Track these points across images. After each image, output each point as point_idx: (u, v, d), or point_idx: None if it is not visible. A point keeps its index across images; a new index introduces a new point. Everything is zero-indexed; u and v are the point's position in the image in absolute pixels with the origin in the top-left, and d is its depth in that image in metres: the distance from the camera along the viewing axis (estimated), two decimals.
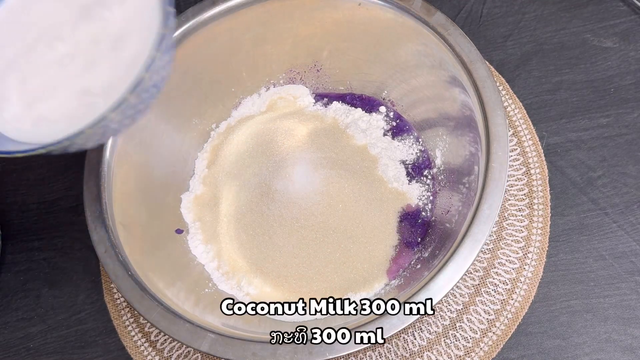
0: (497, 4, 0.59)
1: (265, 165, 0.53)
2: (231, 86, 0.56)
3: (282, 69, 0.57)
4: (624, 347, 0.45)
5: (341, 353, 0.37)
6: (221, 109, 0.57)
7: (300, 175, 0.52)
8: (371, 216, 0.49)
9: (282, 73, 0.57)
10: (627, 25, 0.56)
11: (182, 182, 0.54)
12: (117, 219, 0.44)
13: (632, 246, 0.48)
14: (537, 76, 0.55)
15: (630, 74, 0.54)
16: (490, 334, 0.46)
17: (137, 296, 0.41)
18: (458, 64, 0.45)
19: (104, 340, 0.50)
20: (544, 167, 0.51)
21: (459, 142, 0.49)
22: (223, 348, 0.38)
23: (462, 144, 0.48)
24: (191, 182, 0.54)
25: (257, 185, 0.52)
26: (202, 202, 0.53)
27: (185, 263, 0.50)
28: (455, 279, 0.38)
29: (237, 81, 0.56)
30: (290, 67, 0.56)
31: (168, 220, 0.51)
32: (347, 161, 0.52)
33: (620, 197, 0.49)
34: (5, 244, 0.55)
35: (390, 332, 0.37)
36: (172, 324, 0.39)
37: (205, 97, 0.55)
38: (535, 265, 0.47)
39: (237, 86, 0.56)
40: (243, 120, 0.56)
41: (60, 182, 0.57)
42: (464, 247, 0.39)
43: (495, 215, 0.39)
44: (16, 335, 0.52)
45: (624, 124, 0.52)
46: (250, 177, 0.53)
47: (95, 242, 0.42)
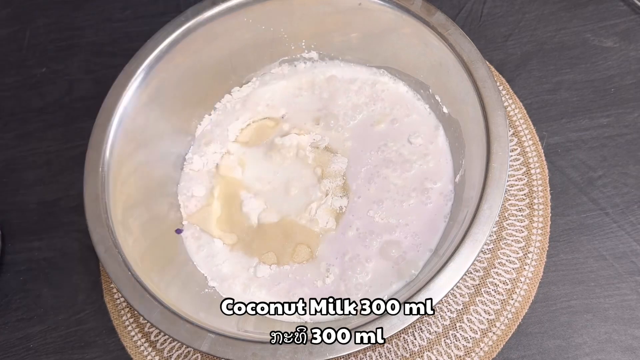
0: (497, 3, 0.59)
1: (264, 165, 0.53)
2: (231, 86, 0.56)
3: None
4: (624, 347, 0.45)
5: (341, 353, 0.37)
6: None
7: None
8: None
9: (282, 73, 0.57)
10: (628, 25, 0.56)
11: (182, 182, 0.54)
12: (117, 219, 0.44)
13: (633, 246, 0.48)
14: (538, 76, 0.55)
15: (631, 74, 0.53)
16: (491, 334, 0.46)
17: (137, 296, 0.40)
18: (458, 63, 0.45)
19: (104, 340, 0.50)
20: (544, 167, 0.51)
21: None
22: (223, 348, 0.38)
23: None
24: (191, 183, 0.53)
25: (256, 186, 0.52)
26: (202, 202, 0.53)
27: (185, 263, 0.50)
28: (455, 279, 0.38)
29: (237, 81, 0.56)
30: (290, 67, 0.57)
31: (168, 220, 0.51)
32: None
33: (621, 197, 0.49)
34: (5, 244, 0.55)
35: (390, 332, 0.37)
36: (172, 324, 0.39)
37: (205, 97, 0.55)
38: (536, 265, 0.47)
39: (237, 86, 0.57)
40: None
41: (60, 182, 0.57)
42: (464, 247, 0.39)
43: (495, 215, 0.39)
44: (16, 335, 0.52)
45: (625, 124, 0.52)
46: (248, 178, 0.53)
47: (95, 242, 0.42)
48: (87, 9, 0.67)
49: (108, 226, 0.43)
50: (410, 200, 0.49)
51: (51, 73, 0.64)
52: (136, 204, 0.48)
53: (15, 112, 0.62)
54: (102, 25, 0.65)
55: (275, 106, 0.56)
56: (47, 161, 0.59)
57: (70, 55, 0.64)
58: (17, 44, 0.66)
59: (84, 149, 0.46)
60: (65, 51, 0.65)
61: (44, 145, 0.60)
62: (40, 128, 0.61)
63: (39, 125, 0.61)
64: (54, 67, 0.64)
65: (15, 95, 0.63)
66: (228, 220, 0.51)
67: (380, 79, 0.54)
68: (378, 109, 0.53)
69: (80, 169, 0.45)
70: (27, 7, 0.68)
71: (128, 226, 0.45)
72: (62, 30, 0.66)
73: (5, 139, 0.61)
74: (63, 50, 0.65)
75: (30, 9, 0.68)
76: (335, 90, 0.55)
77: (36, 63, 0.64)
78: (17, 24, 0.67)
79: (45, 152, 0.59)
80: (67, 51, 0.65)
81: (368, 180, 0.50)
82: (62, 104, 0.62)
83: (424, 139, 0.51)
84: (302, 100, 0.55)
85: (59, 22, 0.66)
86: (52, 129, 0.60)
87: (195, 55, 0.51)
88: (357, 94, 0.54)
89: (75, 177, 0.57)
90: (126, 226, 0.45)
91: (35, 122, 0.61)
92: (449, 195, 0.48)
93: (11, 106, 0.62)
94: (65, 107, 0.61)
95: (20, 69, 0.64)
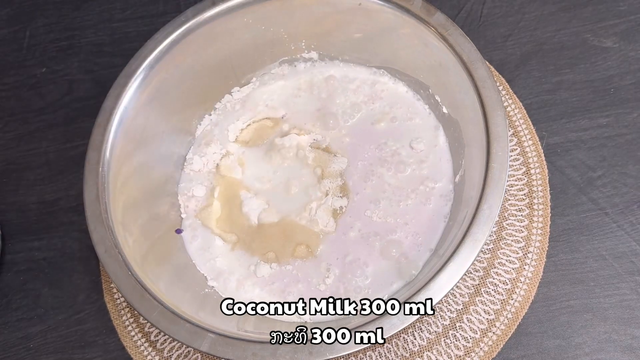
0: (497, 4, 0.59)
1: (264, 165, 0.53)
2: (231, 87, 0.56)
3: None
4: (624, 347, 0.45)
5: (341, 353, 0.37)
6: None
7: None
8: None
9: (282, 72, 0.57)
10: (627, 25, 0.56)
11: (182, 183, 0.54)
12: (117, 219, 0.44)
13: (632, 246, 0.48)
14: (537, 76, 0.55)
15: (630, 74, 0.54)
16: (490, 334, 0.46)
17: (137, 296, 0.40)
18: (458, 63, 0.45)
19: (104, 340, 0.50)
20: (544, 167, 0.51)
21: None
22: (223, 348, 0.38)
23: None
24: (191, 183, 0.53)
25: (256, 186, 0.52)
26: (202, 202, 0.53)
27: (185, 263, 0.50)
28: (455, 279, 0.38)
29: (237, 81, 0.56)
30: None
31: (168, 220, 0.51)
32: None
33: (620, 197, 0.49)
34: (5, 244, 0.55)
35: (390, 332, 0.37)
36: (172, 324, 0.39)
37: (205, 97, 0.55)
38: (535, 265, 0.47)
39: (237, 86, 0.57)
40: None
41: (60, 182, 0.58)
42: (464, 247, 0.39)
43: (495, 215, 0.39)
44: (16, 335, 0.52)
45: (624, 124, 0.52)
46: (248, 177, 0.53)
47: (95, 242, 0.42)
48: (87, 9, 0.67)
49: (108, 226, 0.43)
50: (409, 200, 0.49)
51: (51, 73, 0.64)
52: (136, 204, 0.48)
53: (15, 112, 0.62)
54: (102, 25, 0.65)
55: (275, 106, 0.56)
56: (47, 161, 0.59)
57: (70, 55, 0.64)
58: (17, 44, 0.66)
59: (84, 149, 0.46)
60: (65, 51, 0.65)
61: (44, 145, 0.60)
62: (40, 128, 0.61)
63: (39, 125, 0.61)
64: (54, 67, 0.64)
65: (15, 95, 0.63)
66: (228, 219, 0.51)
67: (380, 79, 0.54)
68: (377, 108, 0.53)
69: (80, 169, 0.45)
70: (27, 7, 0.68)
71: (128, 226, 0.45)
72: (62, 30, 0.66)
73: (5, 139, 0.61)
74: (63, 50, 0.65)
75: (30, 9, 0.68)
76: (334, 89, 0.55)
77: (36, 63, 0.64)
78: (17, 24, 0.67)
79: (45, 152, 0.59)
80: (67, 51, 0.65)
81: (364, 178, 0.50)
82: (62, 104, 0.62)
83: (423, 139, 0.51)
84: (302, 101, 0.55)
85: (59, 22, 0.66)
86: (52, 129, 0.60)
87: (195, 55, 0.51)
88: (355, 93, 0.54)
89: (75, 177, 0.57)
90: (126, 226, 0.45)
91: (35, 122, 0.61)
92: (448, 196, 0.48)
93: (11, 106, 0.62)
94: (65, 107, 0.61)
95: (20, 69, 0.64)
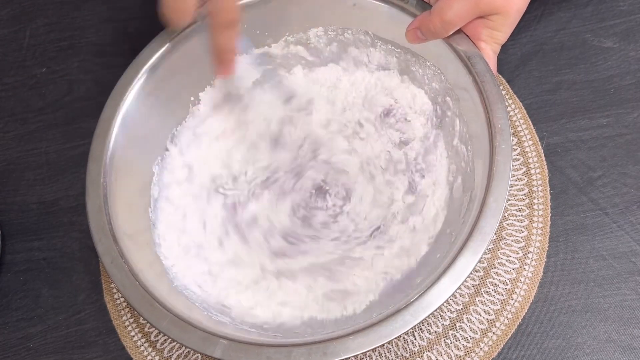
0: None
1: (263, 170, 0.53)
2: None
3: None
4: (624, 347, 0.45)
5: (355, 352, 0.36)
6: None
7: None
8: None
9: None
10: (627, 25, 0.56)
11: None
12: (121, 230, 0.43)
13: (632, 246, 0.48)
14: (537, 76, 0.55)
15: (630, 74, 0.54)
16: (490, 334, 0.46)
17: (147, 306, 0.40)
18: (456, 59, 0.45)
19: (104, 340, 0.50)
20: (544, 167, 0.51)
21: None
22: (236, 353, 0.37)
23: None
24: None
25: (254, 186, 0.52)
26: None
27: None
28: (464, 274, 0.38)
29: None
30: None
31: None
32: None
33: (620, 197, 0.49)
34: (5, 244, 0.55)
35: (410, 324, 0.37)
36: (183, 332, 0.38)
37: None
38: (536, 265, 0.47)
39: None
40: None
41: (60, 182, 0.57)
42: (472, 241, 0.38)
43: (501, 208, 0.39)
44: (16, 335, 0.52)
45: (624, 124, 0.52)
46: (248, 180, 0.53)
47: (101, 254, 0.42)
48: (87, 9, 0.67)
49: (113, 237, 0.42)
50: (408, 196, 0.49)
51: (51, 73, 0.64)
52: (139, 213, 0.47)
53: (15, 112, 0.62)
54: (102, 25, 0.65)
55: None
56: (47, 161, 0.59)
57: (70, 55, 0.64)
58: (17, 44, 0.66)
59: (84, 149, 0.46)
60: (65, 51, 0.65)
61: (44, 145, 0.60)
62: (40, 128, 0.61)
63: (39, 125, 0.61)
64: (54, 67, 0.64)
65: (15, 95, 0.63)
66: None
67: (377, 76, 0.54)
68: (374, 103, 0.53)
69: (80, 169, 0.45)
70: (27, 7, 0.68)
71: (132, 236, 0.44)
72: (62, 30, 0.66)
73: (5, 139, 0.61)
74: (63, 50, 0.65)
75: (30, 9, 0.68)
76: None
77: (36, 63, 0.64)
78: (17, 24, 0.67)
79: (45, 152, 0.59)
80: (67, 51, 0.65)
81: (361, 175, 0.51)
82: (62, 104, 0.62)
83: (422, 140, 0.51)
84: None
85: (59, 22, 0.66)
86: (52, 129, 0.60)
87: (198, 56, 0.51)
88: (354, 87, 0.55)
89: (75, 177, 0.57)
90: (130, 236, 0.44)
91: (35, 122, 0.61)
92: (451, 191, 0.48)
93: (11, 106, 0.62)
94: (65, 107, 0.61)
95: (20, 69, 0.64)
